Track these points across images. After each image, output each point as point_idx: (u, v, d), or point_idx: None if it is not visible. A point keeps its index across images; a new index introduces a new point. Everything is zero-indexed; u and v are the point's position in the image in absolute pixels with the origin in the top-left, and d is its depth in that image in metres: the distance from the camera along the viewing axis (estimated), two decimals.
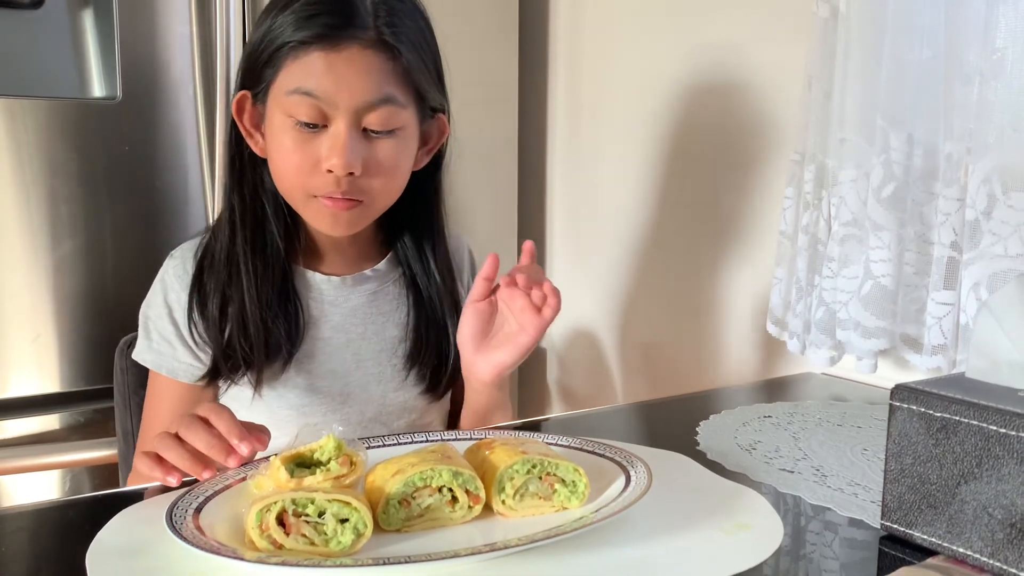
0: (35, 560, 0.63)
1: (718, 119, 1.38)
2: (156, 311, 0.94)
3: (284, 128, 0.86)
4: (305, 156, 0.86)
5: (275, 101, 0.87)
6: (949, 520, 0.61)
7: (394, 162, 0.89)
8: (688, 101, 1.43)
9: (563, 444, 0.76)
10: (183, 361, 0.93)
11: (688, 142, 1.44)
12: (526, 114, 1.72)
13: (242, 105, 0.90)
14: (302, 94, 0.84)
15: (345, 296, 0.97)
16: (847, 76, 1.06)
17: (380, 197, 0.90)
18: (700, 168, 1.42)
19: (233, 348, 0.91)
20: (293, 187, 0.88)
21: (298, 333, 0.93)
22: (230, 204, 0.93)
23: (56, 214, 1.23)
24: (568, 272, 1.75)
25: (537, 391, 1.84)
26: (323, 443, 0.65)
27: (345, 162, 0.84)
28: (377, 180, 0.88)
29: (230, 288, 0.91)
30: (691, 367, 1.47)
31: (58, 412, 1.26)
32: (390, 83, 0.86)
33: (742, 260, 1.36)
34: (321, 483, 0.63)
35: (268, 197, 0.93)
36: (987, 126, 0.94)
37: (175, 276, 0.94)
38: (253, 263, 0.91)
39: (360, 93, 0.84)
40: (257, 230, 0.92)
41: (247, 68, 0.89)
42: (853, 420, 0.97)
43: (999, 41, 0.92)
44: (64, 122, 1.23)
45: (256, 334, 0.90)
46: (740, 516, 0.68)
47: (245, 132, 0.91)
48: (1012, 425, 0.57)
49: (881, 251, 1.03)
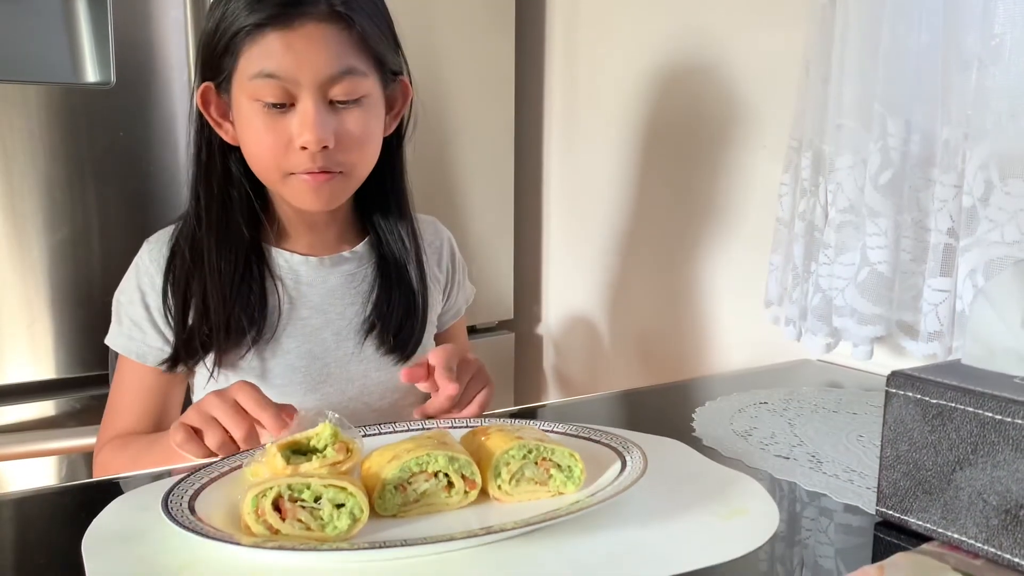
0: (31, 546, 0.63)
1: (715, 106, 1.37)
2: (128, 296, 0.95)
3: (253, 112, 0.87)
4: (277, 137, 0.86)
5: (239, 88, 0.87)
6: (944, 506, 0.61)
7: (364, 130, 0.90)
8: (684, 88, 1.43)
9: (559, 430, 0.77)
10: (152, 346, 0.94)
11: (684, 129, 1.43)
12: (523, 103, 1.72)
13: (207, 97, 0.91)
14: (264, 77, 0.85)
15: (323, 277, 0.98)
16: (845, 62, 1.06)
17: (357, 167, 0.91)
18: (697, 155, 1.42)
19: (192, 335, 0.92)
20: (269, 168, 0.89)
21: (263, 317, 0.94)
22: (196, 194, 0.94)
23: (50, 200, 1.23)
24: (565, 259, 1.75)
25: (533, 378, 1.84)
26: (319, 430, 0.65)
27: (316, 137, 0.85)
28: (351, 151, 0.89)
29: (192, 277, 0.92)
30: (687, 354, 1.47)
31: (53, 399, 1.26)
32: (349, 54, 0.87)
33: (739, 247, 1.36)
34: (317, 470, 0.63)
35: (236, 186, 0.94)
36: (985, 112, 0.93)
37: (150, 260, 0.95)
38: (218, 251, 0.92)
39: (321, 67, 0.85)
40: (222, 219, 0.93)
41: (206, 59, 0.90)
42: (849, 407, 0.97)
43: (997, 27, 0.92)
44: (58, 107, 1.22)
45: (217, 320, 0.91)
46: (736, 502, 0.68)
47: (214, 123, 0.91)
48: (1008, 412, 0.57)
49: (878, 238, 1.03)
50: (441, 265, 1.09)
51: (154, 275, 0.94)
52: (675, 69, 1.44)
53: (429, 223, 1.09)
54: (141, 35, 1.26)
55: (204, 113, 0.91)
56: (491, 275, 1.68)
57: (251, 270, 0.94)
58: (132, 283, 0.95)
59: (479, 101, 1.61)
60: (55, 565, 0.60)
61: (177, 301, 0.93)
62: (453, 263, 1.11)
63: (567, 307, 1.74)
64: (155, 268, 0.94)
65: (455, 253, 1.12)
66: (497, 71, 1.63)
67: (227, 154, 0.93)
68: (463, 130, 1.59)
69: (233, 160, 0.93)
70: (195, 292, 0.92)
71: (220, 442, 0.74)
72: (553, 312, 1.79)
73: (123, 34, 1.25)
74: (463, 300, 1.13)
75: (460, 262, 1.13)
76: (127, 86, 1.26)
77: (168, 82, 1.29)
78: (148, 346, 0.94)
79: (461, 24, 1.56)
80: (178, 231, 0.96)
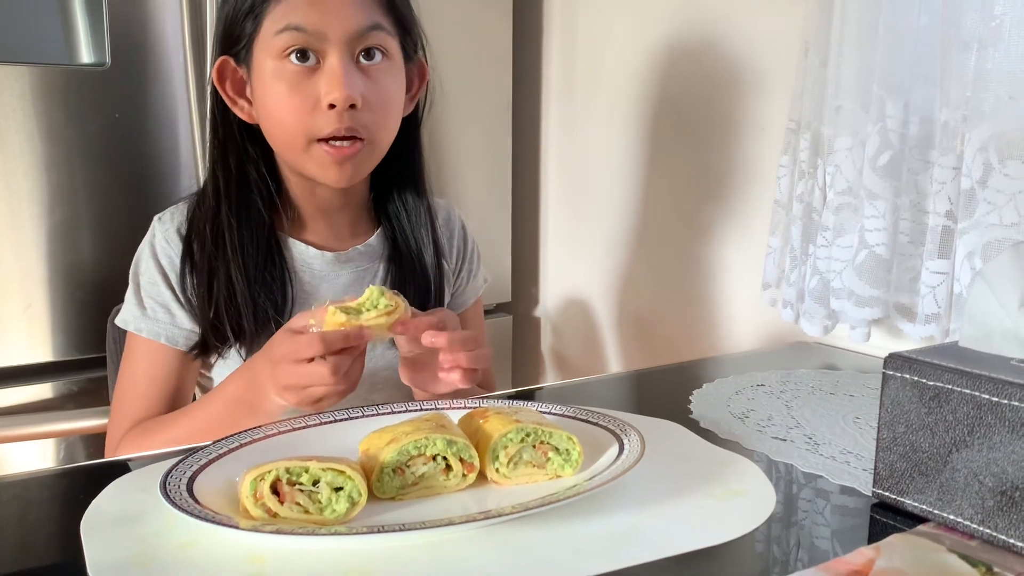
0: (30, 529, 0.63)
1: (714, 86, 1.37)
2: (148, 277, 0.92)
3: (276, 73, 0.85)
4: (304, 97, 0.85)
5: (262, 49, 0.86)
6: (940, 488, 0.61)
7: (389, 93, 0.89)
8: (683, 68, 1.42)
9: (557, 413, 0.77)
10: (183, 327, 0.91)
11: (683, 110, 1.43)
12: (520, 82, 1.71)
13: (223, 72, 0.89)
14: (291, 30, 0.83)
15: (336, 273, 0.96)
16: (844, 43, 1.05)
17: (380, 133, 0.89)
18: (695, 136, 1.41)
19: (221, 320, 0.89)
20: (293, 134, 0.87)
21: (285, 303, 0.92)
22: (214, 175, 0.92)
23: (46, 182, 1.22)
24: (563, 241, 1.75)
25: (531, 360, 1.85)
26: (367, 294, 0.75)
27: (345, 94, 0.83)
28: (377, 113, 0.88)
29: (216, 260, 0.90)
30: (684, 336, 1.47)
31: (51, 381, 1.26)
32: (376, 11, 0.87)
33: (737, 228, 1.36)
34: (375, 319, 0.73)
35: (253, 165, 0.92)
36: (984, 94, 0.93)
37: (165, 240, 0.92)
38: (239, 233, 0.90)
39: (349, 21, 0.84)
40: (242, 200, 0.91)
41: (225, 30, 0.88)
42: (846, 389, 0.97)
43: (997, 8, 0.92)
44: (52, 89, 1.22)
45: (244, 305, 0.89)
46: (733, 484, 0.68)
47: (228, 99, 0.89)
48: (1004, 394, 0.57)
49: (876, 220, 1.03)
50: (452, 251, 1.06)
51: (172, 255, 0.91)
52: (674, 49, 1.43)
53: (443, 207, 1.07)
54: (136, 16, 1.25)
55: (219, 89, 0.89)
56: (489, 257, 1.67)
57: (272, 257, 0.92)
58: (150, 264, 0.92)
59: (476, 81, 1.60)
60: (54, 547, 0.60)
61: (202, 283, 0.90)
62: (465, 250, 1.08)
63: (565, 289, 1.74)
64: (172, 248, 0.92)
65: (468, 240, 1.09)
66: (494, 50, 1.62)
67: (244, 133, 0.91)
68: (460, 110, 1.58)
69: (250, 141, 0.92)
70: (220, 275, 0.89)
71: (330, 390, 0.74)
72: (551, 294, 1.79)
73: (118, 15, 1.24)
74: (472, 290, 1.10)
75: (473, 250, 1.10)
76: (122, 68, 1.25)
77: (163, 64, 1.28)
78: (178, 328, 0.91)
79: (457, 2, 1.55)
80: (192, 208, 0.93)
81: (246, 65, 0.88)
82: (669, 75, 1.45)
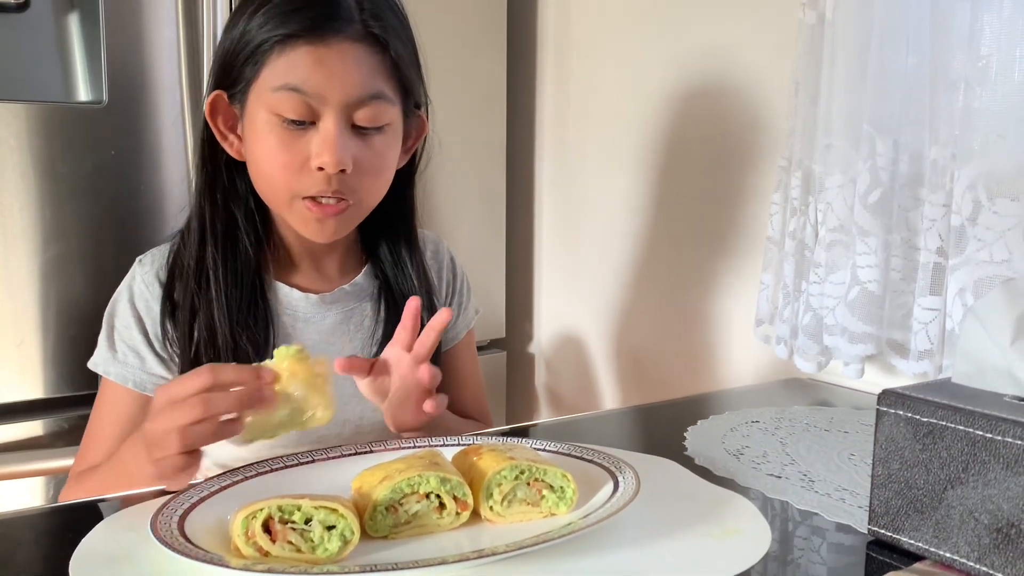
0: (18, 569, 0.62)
1: (705, 125, 1.38)
2: (123, 320, 0.90)
3: (269, 126, 0.83)
4: (293, 155, 0.83)
5: (257, 99, 0.84)
6: (936, 525, 0.61)
7: (383, 159, 0.87)
8: (676, 107, 1.44)
9: (551, 450, 0.76)
10: (154, 373, 0.89)
11: (676, 148, 1.44)
12: (514, 120, 1.72)
13: (216, 106, 0.87)
14: (289, 90, 0.81)
15: (322, 315, 0.95)
16: (833, 82, 1.07)
17: (368, 196, 0.88)
18: (687, 174, 1.42)
19: (200, 362, 0.86)
20: (278, 188, 0.85)
21: (267, 346, 0.89)
22: (200, 210, 0.90)
23: (41, 219, 1.22)
24: (556, 277, 1.75)
25: (525, 396, 1.84)
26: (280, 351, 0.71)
27: (337, 159, 0.82)
28: (367, 178, 0.86)
29: (199, 298, 0.88)
30: (678, 372, 1.47)
31: (42, 418, 1.25)
32: (379, 78, 0.84)
33: (729, 265, 1.36)
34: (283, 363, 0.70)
35: (240, 203, 0.90)
36: (972, 133, 0.94)
37: (144, 284, 0.90)
38: (224, 272, 0.88)
39: (351, 88, 0.82)
40: (228, 238, 0.89)
41: (222, 67, 0.86)
42: (840, 425, 0.97)
43: (984, 48, 0.93)
44: (49, 126, 1.22)
45: (225, 347, 0.87)
46: (728, 521, 0.68)
47: (219, 134, 0.88)
48: (998, 430, 0.57)
49: (868, 256, 1.03)
50: (442, 284, 1.05)
51: (149, 299, 0.90)
52: (665, 88, 1.45)
53: (431, 239, 1.05)
54: (133, 54, 1.26)
55: (210, 122, 0.87)
56: (482, 293, 1.67)
57: (256, 299, 0.90)
58: (125, 307, 0.90)
59: (470, 117, 1.62)
60: None
61: (181, 323, 0.88)
62: (454, 283, 1.07)
63: (559, 325, 1.74)
64: (150, 292, 0.90)
65: (457, 272, 1.08)
66: (488, 88, 1.63)
67: (232, 169, 0.90)
68: (454, 148, 1.59)
69: (238, 176, 0.90)
70: (201, 315, 0.87)
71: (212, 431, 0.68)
72: (545, 331, 1.79)
73: (115, 53, 1.25)
74: (464, 323, 1.08)
75: (462, 282, 1.08)
76: (119, 105, 1.26)
77: (160, 101, 1.29)
78: (148, 374, 0.89)
79: (452, 38, 1.57)
80: (175, 249, 0.92)
81: (240, 105, 0.86)
82: (661, 114, 1.46)
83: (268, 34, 0.82)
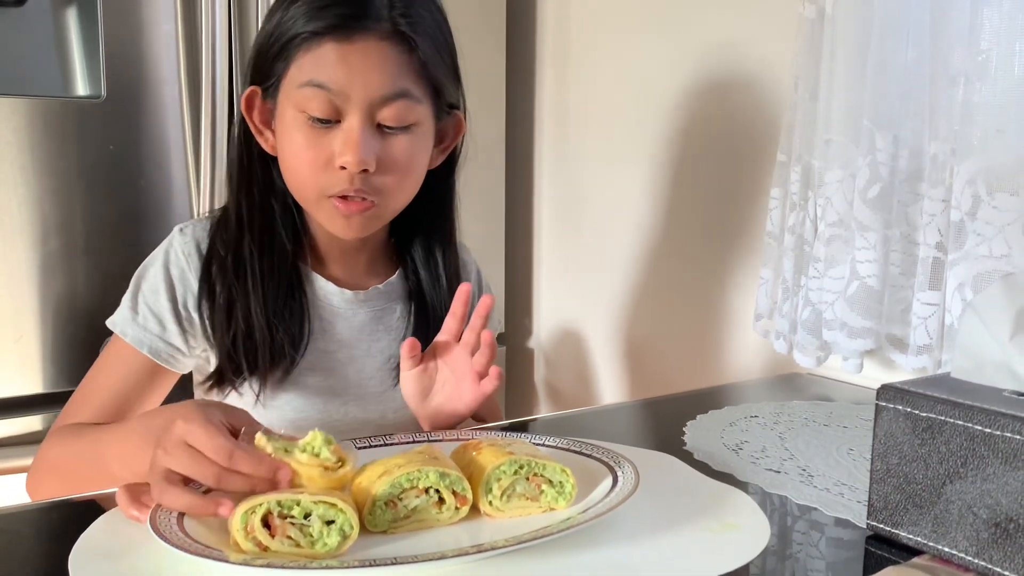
0: (17, 563, 0.63)
1: (705, 120, 1.38)
2: (151, 284, 0.89)
3: (296, 124, 0.83)
4: (318, 153, 0.83)
5: (286, 96, 0.84)
6: (934, 520, 0.61)
7: (408, 159, 0.86)
8: (675, 102, 1.43)
9: (550, 444, 0.76)
10: (170, 343, 0.88)
11: (675, 143, 1.44)
12: (514, 116, 1.72)
13: (251, 101, 0.87)
14: (314, 87, 0.81)
15: (354, 311, 0.95)
16: (833, 77, 1.07)
17: (394, 196, 0.88)
18: (687, 169, 1.42)
19: (237, 353, 0.87)
20: (305, 185, 0.85)
21: (302, 339, 0.90)
22: (237, 203, 0.90)
23: (39, 214, 1.22)
24: (556, 272, 1.75)
25: (524, 391, 1.84)
26: (308, 438, 0.64)
27: (358, 158, 0.81)
28: (391, 178, 0.85)
29: (236, 291, 0.88)
30: (678, 367, 1.47)
31: (41, 413, 1.25)
32: (405, 76, 0.84)
33: (729, 260, 1.36)
34: (308, 465, 0.62)
35: (278, 196, 0.90)
36: (972, 127, 0.94)
37: (182, 253, 0.89)
38: (260, 265, 0.88)
39: (374, 86, 0.82)
40: (265, 231, 0.89)
41: (257, 62, 0.87)
42: (839, 420, 0.97)
43: (984, 43, 0.93)
44: (48, 121, 1.22)
45: (261, 339, 0.87)
46: (727, 516, 0.68)
47: (255, 129, 0.88)
48: (997, 425, 0.57)
49: (867, 251, 1.03)
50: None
51: (185, 269, 0.89)
52: (664, 83, 1.45)
53: (462, 250, 1.05)
54: (132, 49, 1.26)
55: (247, 118, 0.87)
56: None
57: (293, 292, 0.90)
58: (158, 271, 0.89)
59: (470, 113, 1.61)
60: None
61: (220, 314, 0.87)
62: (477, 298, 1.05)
63: (558, 321, 1.74)
64: (187, 262, 0.89)
65: (483, 286, 1.07)
66: (488, 83, 1.63)
67: (268, 163, 0.90)
68: None
69: (275, 170, 0.90)
70: (238, 306, 0.87)
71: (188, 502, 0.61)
72: (544, 325, 1.79)
73: (114, 48, 1.25)
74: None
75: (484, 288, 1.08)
76: (117, 100, 1.26)
77: (159, 96, 1.29)
78: (165, 343, 0.88)
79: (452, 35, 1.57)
80: (214, 231, 0.91)
81: (272, 101, 0.86)
82: (660, 109, 1.46)
83: (298, 30, 0.82)
